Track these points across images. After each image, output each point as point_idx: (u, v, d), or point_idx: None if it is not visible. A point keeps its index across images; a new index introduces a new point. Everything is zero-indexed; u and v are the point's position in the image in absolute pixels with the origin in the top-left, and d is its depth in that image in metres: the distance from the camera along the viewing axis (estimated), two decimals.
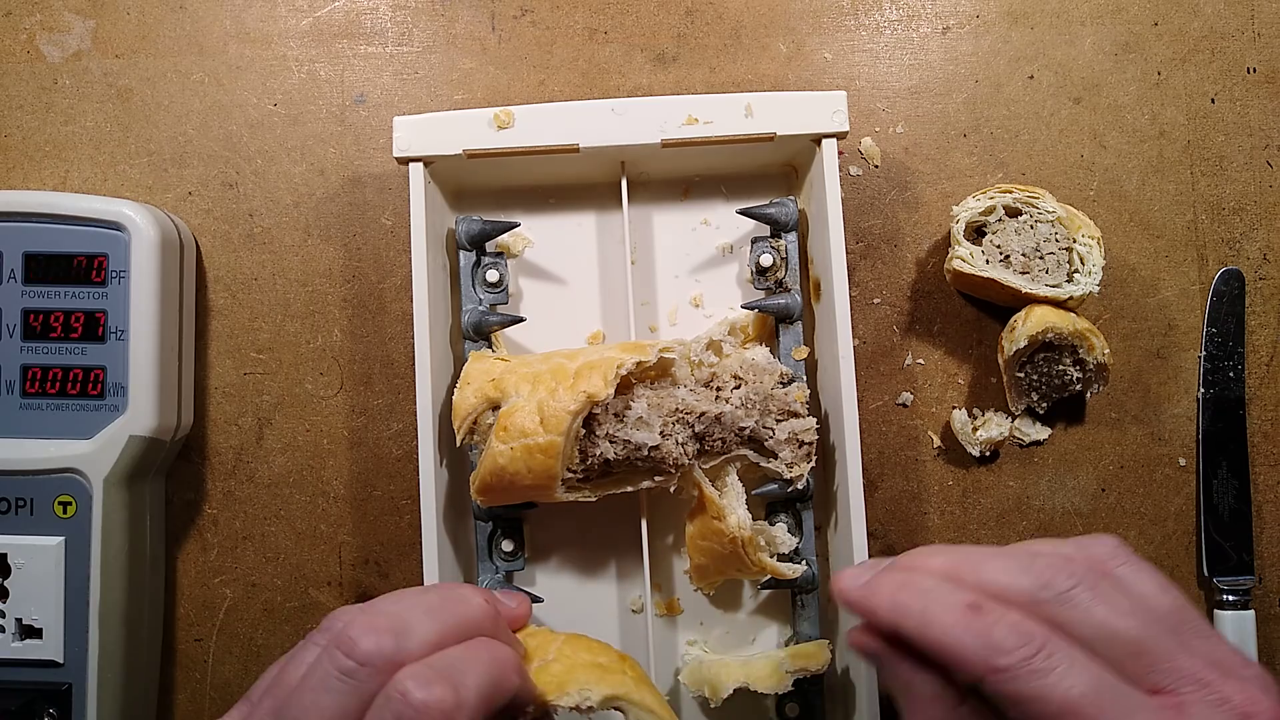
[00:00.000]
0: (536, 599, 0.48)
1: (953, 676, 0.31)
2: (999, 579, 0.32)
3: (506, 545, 0.48)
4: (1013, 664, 0.29)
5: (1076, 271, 0.48)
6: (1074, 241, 0.48)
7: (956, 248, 0.48)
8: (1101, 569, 0.32)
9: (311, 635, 0.35)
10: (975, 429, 0.51)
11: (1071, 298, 0.47)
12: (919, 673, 0.32)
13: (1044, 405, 0.50)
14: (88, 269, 0.48)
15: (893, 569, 0.34)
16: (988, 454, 0.51)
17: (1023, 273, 0.47)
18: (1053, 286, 0.47)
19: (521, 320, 0.49)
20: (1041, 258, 0.48)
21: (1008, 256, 0.48)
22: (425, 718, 0.30)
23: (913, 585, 0.32)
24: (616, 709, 0.37)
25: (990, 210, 0.48)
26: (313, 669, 0.33)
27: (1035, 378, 0.49)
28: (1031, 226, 0.48)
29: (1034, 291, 0.47)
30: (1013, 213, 0.48)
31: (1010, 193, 0.48)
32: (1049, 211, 0.48)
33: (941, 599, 0.31)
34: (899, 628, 0.32)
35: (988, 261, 0.48)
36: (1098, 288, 0.47)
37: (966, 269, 0.48)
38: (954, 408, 0.51)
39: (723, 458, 0.46)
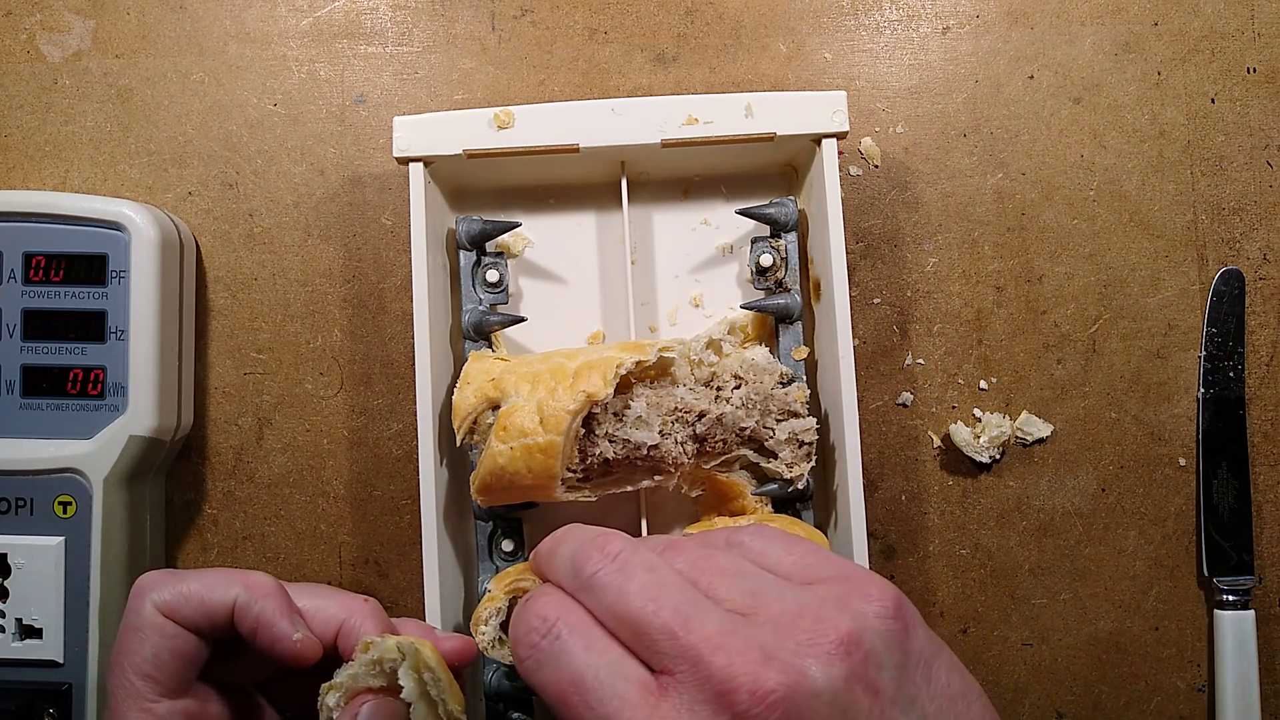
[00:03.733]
0: None
1: None
2: (556, 568, 0.33)
3: (506, 545, 0.48)
4: (523, 655, 0.30)
5: None
6: None
7: None
8: (658, 546, 0.32)
9: None
10: (977, 435, 0.51)
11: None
12: None
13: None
14: (88, 269, 0.48)
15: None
16: (998, 457, 0.51)
17: None
18: None
19: (522, 320, 0.49)
20: None
21: None
22: (130, 592, 0.37)
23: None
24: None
25: None
26: None
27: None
28: None
29: None
30: None
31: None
32: None
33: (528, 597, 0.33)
34: None
35: None
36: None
37: None
38: (950, 423, 0.51)
39: (723, 458, 0.46)
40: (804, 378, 0.48)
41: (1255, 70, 0.53)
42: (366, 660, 0.35)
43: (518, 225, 0.50)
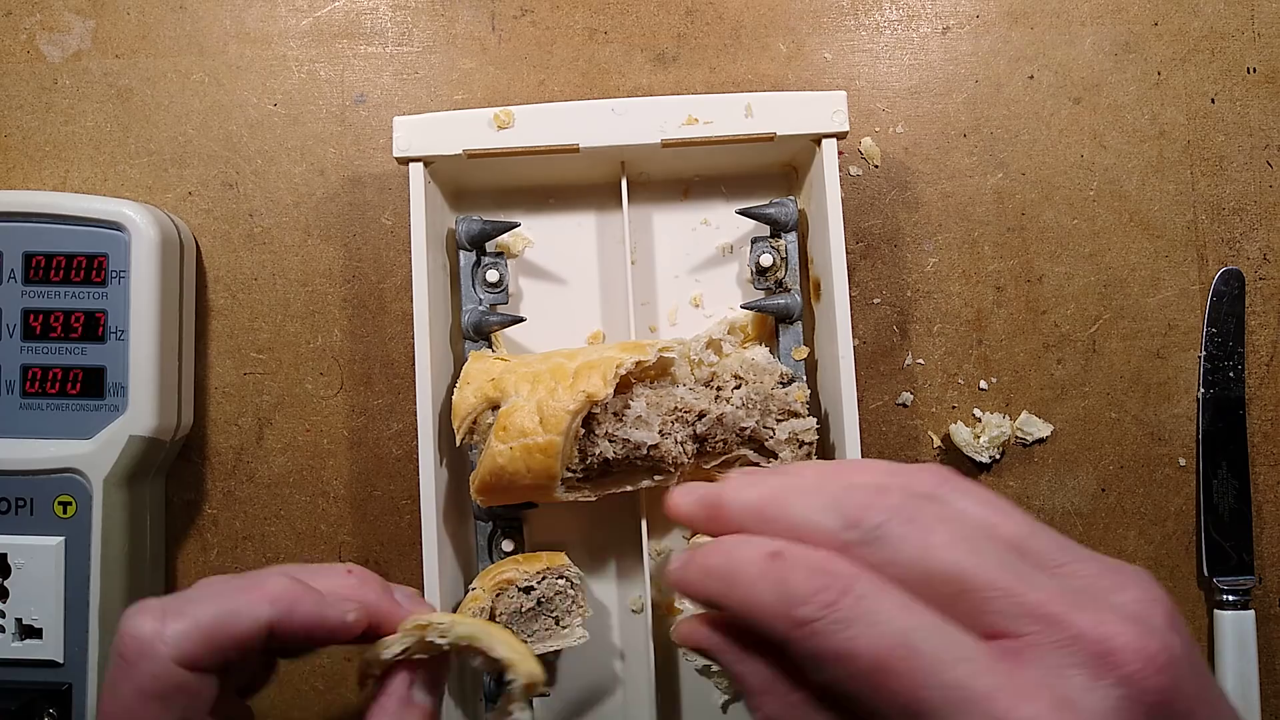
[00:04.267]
0: None
1: (785, 660, 0.27)
2: (807, 518, 0.27)
3: (506, 545, 0.48)
4: (811, 615, 0.25)
5: None
6: None
7: None
8: (927, 496, 0.27)
9: None
10: (977, 435, 0.51)
11: None
12: (745, 661, 0.28)
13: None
14: (88, 269, 0.48)
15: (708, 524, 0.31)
16: (998, 457, 0.51)
17: None
18: None
19: (521, 320, 0.49)
20: None
21: None
22: (124, 645, 0.31)
23: (718, 544, 0.29)
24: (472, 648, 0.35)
25: None
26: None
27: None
28: None
29: None
30: None
31: None
32: None
33: (744, 551, 0.28)
34: (711, 597, 0.28)
35: None
36: None
37: None
38: (950, 423, 0.51)
39: (723, 458, 0.46)
40: (804, 378, 0.48)
41: (1255, 70, 0.53)
42: (416, 637, 0.35)
43: (518, 225, 0.50)
